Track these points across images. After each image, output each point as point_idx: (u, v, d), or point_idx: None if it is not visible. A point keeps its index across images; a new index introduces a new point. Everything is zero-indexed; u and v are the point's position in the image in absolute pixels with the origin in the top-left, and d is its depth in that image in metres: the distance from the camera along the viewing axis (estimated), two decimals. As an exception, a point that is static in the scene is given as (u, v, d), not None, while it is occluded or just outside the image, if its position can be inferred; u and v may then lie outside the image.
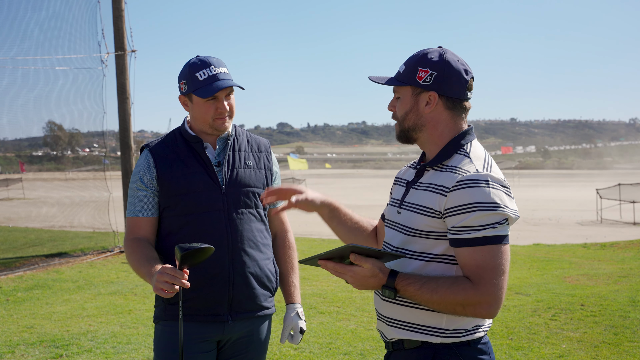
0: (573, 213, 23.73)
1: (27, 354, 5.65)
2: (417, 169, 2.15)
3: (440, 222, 1.98)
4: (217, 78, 2.61)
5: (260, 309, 2.72)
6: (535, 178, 69.67)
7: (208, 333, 2.63)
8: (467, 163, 2.00)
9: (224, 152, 2.72)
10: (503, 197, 1.93)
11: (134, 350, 5.70)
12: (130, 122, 11.90)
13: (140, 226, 2.66)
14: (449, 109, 2.08)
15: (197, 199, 2.62)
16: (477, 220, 1.90)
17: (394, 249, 2.12)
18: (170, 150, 2.69)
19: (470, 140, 2.09)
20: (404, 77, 2.10)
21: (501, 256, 1.92)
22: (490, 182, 1.93)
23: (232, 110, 2.68)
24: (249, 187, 2.70)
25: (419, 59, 2.09)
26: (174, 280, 2.27)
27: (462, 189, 1.93)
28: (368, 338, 6.01)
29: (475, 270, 1.92)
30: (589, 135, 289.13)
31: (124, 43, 11.85)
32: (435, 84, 2.05)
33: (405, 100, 2.11)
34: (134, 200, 2.68)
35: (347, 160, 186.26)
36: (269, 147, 2.89)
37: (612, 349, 5.58)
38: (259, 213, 2.74)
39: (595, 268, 10.23)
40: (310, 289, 8.43)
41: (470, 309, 1.92)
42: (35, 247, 12.88)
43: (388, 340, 2.15)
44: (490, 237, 1.90)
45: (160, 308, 2.70)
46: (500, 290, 1.92)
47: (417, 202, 2.05)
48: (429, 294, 1.93)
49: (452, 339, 2.02)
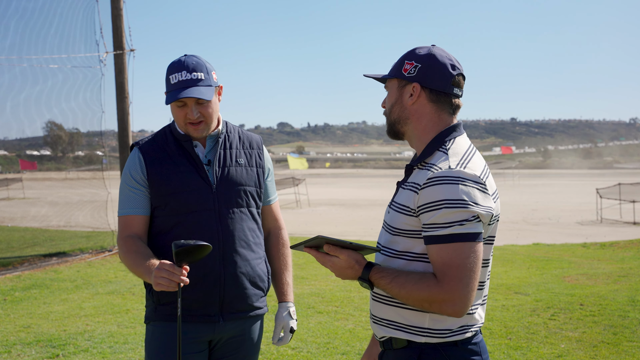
0: (573, 213, 23.71)
1: (24, 353, 5.63)
2: (406, 168, 2.17)
3: (416, 220, 1.98)
4: (186, 85, 2.53)
5: (252, 309, 2.69)
6: (535, 178, 69.65)
7: (199, 333, 2.60)
8: (442, 160, 2.00)
9: (215, 150, 2.67)
10: (474, 194, 1.91)
11: (131, 350, 5.68)
12: (129, 121, 11.89)
13: (133, 224, 2.63)
14: (433, 102, 2.08)
15: (187, 198, 2.59)
16: (443, 217, 1.89)
17: (381, 247, 2.14)
18: (160, 149, 2.66)
19: (454, 137, 2.08)
20: (392, 71, 2.14)
21: (468, 254, 1.89)
22: (460, 178, 1.92)
23: (206, 117, 2.59)
24: (240, 185, 2.67)
25: (407, 53, 2.13)
26: (171, 277, 2.26)
27: (432, 186, 1.93)
28: (366, 338, 5.98)
29: (441, 268, 1.91)
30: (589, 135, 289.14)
31: (122, 42, 11.83)
32: (418, 76, 2.07)
33: (392, 92, 2.14)
34: (126, 199, 2.65)
35: (347, 159, 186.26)
36: (261, 143, 2.85)
37: (611, 349, 5.55)
38: (250, 212, 2.70)
39: (595, 268, 10.21)
40: (309, 288, 8.41)
41: (435, 306, 1.92)
42: (34, 246, 12.86)
43: (379, 339, 2.15)
44: (456, 235, 1.89)
45: (151, 308, 2.67)
46: (465, 289, 1.89)
47: (399, 201, 2.06)
48: (398, 288, 1.95)
49: (436, 339, 2.01)
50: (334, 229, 17.83)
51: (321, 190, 42.51)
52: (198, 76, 2.56)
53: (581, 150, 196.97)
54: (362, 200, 31.77)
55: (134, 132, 12.97)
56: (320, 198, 33.35)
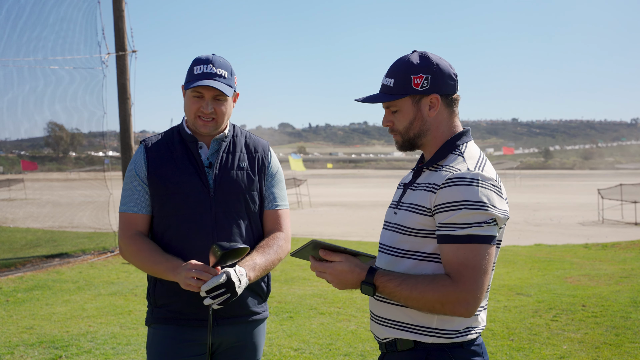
0: (574, 213, 23.69)
1: (27, 355, 5.63)
2: (415, 170, 2.18)
3: (431, 220, 2.00)
4: (209, 76, 2.56)
5: (249, 314, 2.65)
6: (536, 178, 69.58)
7: (199, 336, 2.57)
8: (459, 162, 2.03)
9: (217, 153, 2.66)
10: (492, 197, 1.94)
11: (134, 352, 5.68)
12: (130, 122, 11.90)
13: (137, 223, 2.62)
14: (448, 107, 2.13)
15: (184, 200, 2.57)
16: (462, 218, 1.92)
17: (385, 248, 2.14)
18: (165, 148, 2.65)
19: (466, 141, 2.12)
20: (399, 89, 2.09)
21: (484, 256, 1.92)
22: (480, 180, 1.95)
23: (218, 114, 2.60)
24: (240, 189, 2.63)
25: (406, 67, 2.09)
26: (204, 277, 2.33)
27: (451, 187, 1.95)
28: (368, 339, 5.98)
29: (457, 268, 1.92)
30: (591, 135, 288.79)
31: (124, 43, 11.84)
32: (434, 86, 2.08)
33: (406, 110, 2.11)
34: (129, 196, 2.64)
35: (349, 160, 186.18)
36: (268, 148, 2.79)
37: (614, 350, 5.55)
38: (249, 216, 2.65)
39: (597, 268, 10.20)
40: (311, 289, 8.41)
41: (448, 307, 1.93)
42: (36, 247, 12.86)
43: (381, 340, 2.15)
44: (474, 236, 1.91)
45: (149, 310, 2.67)
46: (479, 290, 1.92)
47: (411, 201, 2.07)
48: (408, 290, 1.95)
49: (443, 339, 2.02)
50: (335, 230, 17.82)
51: (322, 190, 42.49)
52: (222, 73, 2.59)
53: (582, 151, 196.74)
54: (363, 201, 31.76)
55: (136, 133, 12.99)
56: (321, 199, 33.36)
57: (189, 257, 2.51)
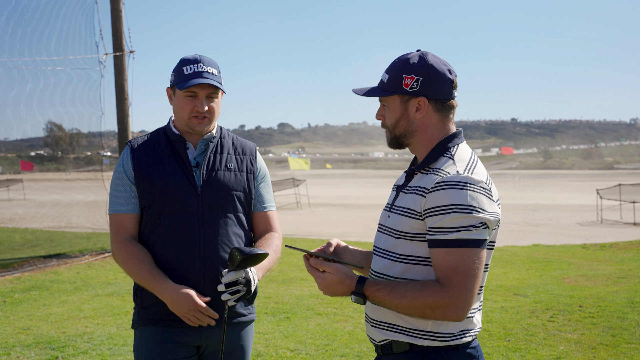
0: (573, 213, 23.71)
1: (23, 355, 5.63)
2: (407, 173, 2.18)
3: (422, 224, 2.00)
4: (201, 75, 2.58)
5: (236, 316, 2.65)
6: (536, 178, 69.60)
7: (186, 338, 2.58)
8: (449, 165, 2.02)
9: (205, 153, 2.67)
10: (481, 200, 1.94)
11: (130, 352, 5.68)
12: (128, 122, 11.89)
13: (127, 224, 2.62)
14: (438, 111, 2.10)
15: (171, 200, 2.58)
16: (452, 222, 1.91)
17: (379, 251, 2.14)
18: (151, 149, 2.67)
19: (457, 143, 2.10)
20: (390, 87, 2.10)
21: (473, 260, 1.92)
22: (469, 184, 1.94)
23: (212, 112, 2.64)
24: (227, 190, 2.64)
25: (401, 66, 2.09)
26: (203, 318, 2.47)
27: (440, 190, 1.95)
28: (365, 340, 5.98)
29: (446, 273, 1.92)
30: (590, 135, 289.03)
31: (122, 44, 11.83)
32: (423, 89, 2.06)
33: (394, 108, 2.12)
34: (117, 196, 2.64)
35: (348, 160, 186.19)
36: (255, 150, 2.83)
37: (610, 351, 5.55)
38: (237, 217, 2.66)
39: (594, 269, 10.21)
40: (308, 290, 8.42)
41: (439, 312, 1.93)
42: (33, 247, 12.86)
43: (377, 343, 2.15)
44: (463, 240, 1.91)
45: (135, 312, 2.67)
46: (469, 294, 1.92)
47: (403, 205, 2.07)
48: (398, 298, 1.95)
49: (439, 342, 2.03)
50: (334, 230, 17.83)
51: (321, 191, 42.48)
52: (213, 71, 2.63)
53: (582, 151, 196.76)
54: (362, 201, 31.75)
55: (134, 133, 12.99)
56: (320, 199, 33.34)
57: (175, 256, 2.55)
